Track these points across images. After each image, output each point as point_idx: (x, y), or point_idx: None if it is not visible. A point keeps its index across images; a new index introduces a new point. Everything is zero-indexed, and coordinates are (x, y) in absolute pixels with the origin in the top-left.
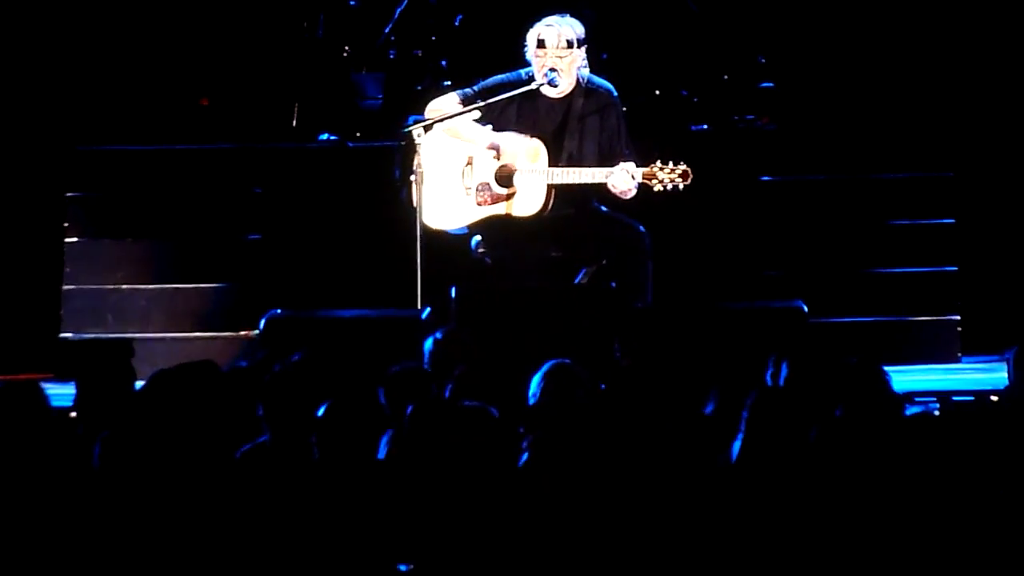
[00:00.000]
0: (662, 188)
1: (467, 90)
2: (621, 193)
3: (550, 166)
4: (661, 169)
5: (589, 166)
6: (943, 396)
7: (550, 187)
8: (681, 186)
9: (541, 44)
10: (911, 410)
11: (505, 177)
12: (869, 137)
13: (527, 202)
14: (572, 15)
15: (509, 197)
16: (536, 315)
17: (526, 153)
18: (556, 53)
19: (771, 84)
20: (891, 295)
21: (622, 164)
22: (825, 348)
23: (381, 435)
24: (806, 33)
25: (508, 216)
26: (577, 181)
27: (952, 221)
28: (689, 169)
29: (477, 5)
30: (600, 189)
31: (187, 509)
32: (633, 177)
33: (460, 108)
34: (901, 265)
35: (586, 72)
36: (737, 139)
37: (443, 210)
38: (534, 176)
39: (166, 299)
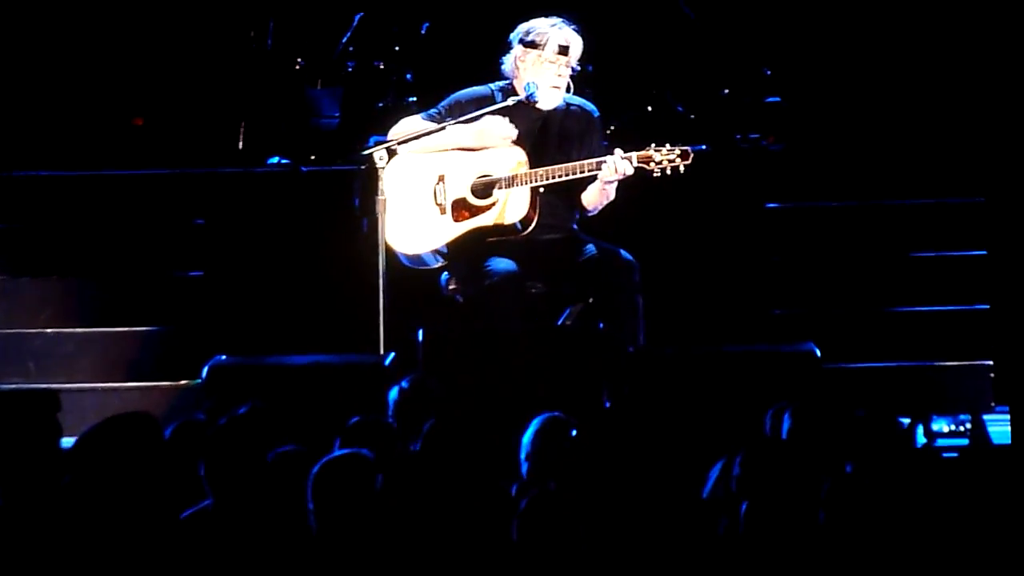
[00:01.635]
0: (661, 172)
1: (431, 111)
2: (608, 185)
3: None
4: (657, 151)
5: (569, 190)
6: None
7: (534, 192)
8: (682, 167)
9: (564, 51)
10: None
11: (483, 188)
12: (889, 158)
13: (511, 210)
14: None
15: (490, 208)
16: (514, 361)
17: (504, 160)
18: (570, 63)
19: (778, 99)
20: (915, 337)
21: (615, 151)
22: (840, 397)
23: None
24: (816, 42)
25: (494, 227)
26: (565, 179)
27: (984, 253)
28: (689, 149)
29: (445, 11)
30: (584, 216)
31: None
32: (630, 162)
33: (423, 131)
34: (926, 303)
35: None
36: (740, 161)
37: (415, 233)
38: (515, 181)
39: (96, 344)
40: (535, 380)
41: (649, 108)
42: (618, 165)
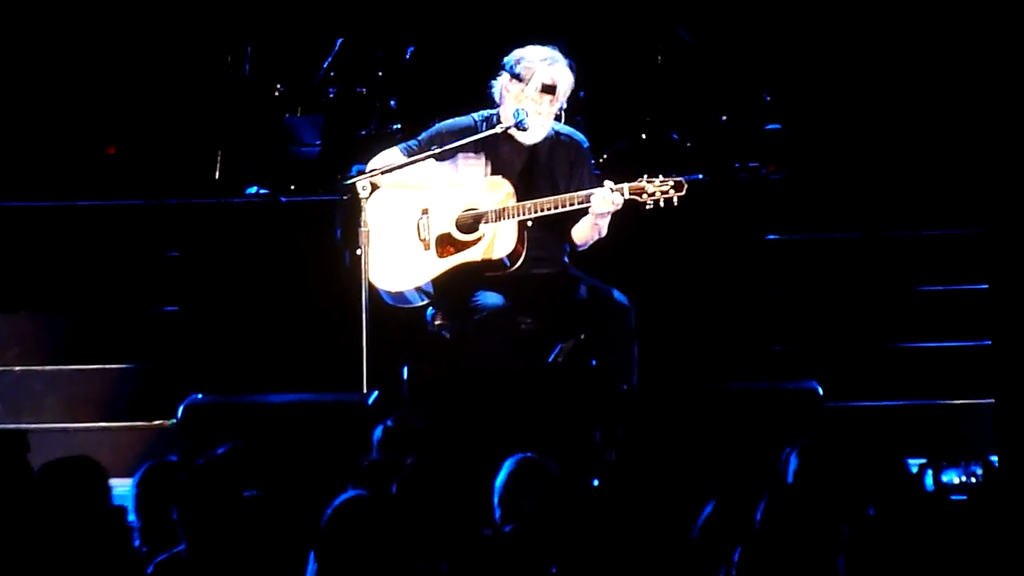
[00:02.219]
0: (653, 204)
1: (412, 142)
2: (604, 215)
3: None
4: (650, 182)
5: (558, 223)
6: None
7: (522, 227)
8: (675, 199)
9: (549, 90)
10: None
11: (469, 222)
12: (894, 187)
13: (498, 244)
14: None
15: (476, 243)
16: (503, 399)
17: (490, 192)
18: (554, 101)
19: (778, 126)
20: (920, 374)
21: (605, 183)
22: (843, 437)
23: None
24: (818, 66)
25: (481, 263)
26: (554, 212)
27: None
28: (683, 180)
29: (431, 35)
30: (574, 251)
31: None
32: (620, 194)
33: (408, 160)
34: (932, 339)
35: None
36: (738, 191)
37: (399, 269)
38: (502, 215)
39: (66, 382)
40: (524, 419)
41: (643, 136)
42: (608, 197)
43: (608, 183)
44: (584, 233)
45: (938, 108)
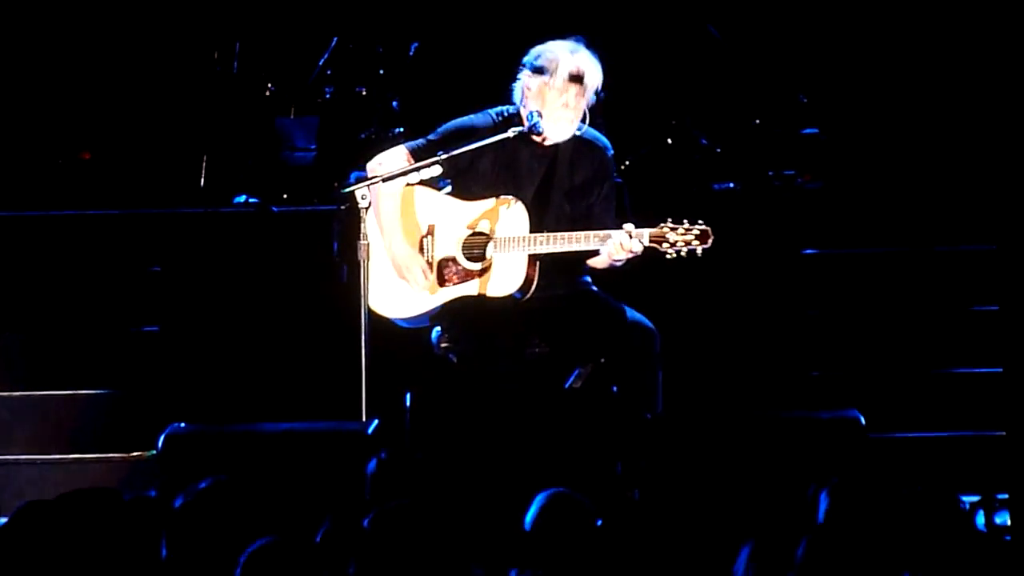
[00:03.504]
0: (675, 254)
1: (420, 141)
2: (615, 261)
3: (532, 232)
4: (673, 230)
5: (581, 226)
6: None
7: (532, 259)
8: (699, 251)
9: (576, 79)
10: None
11: (476, 248)
12: (943, 197)
13: (504, 279)
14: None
15: (482, 273)
16: (516, 428)
17: (501, 217)
18: (584, 92)
19: (815, 130)
20: (974, 402)
21: (624, 226)
22: (887, 471)
23: None
24: (857, 65)
25: (481, 297)
26: (566, 249)
27: None
28: (709, 229)
29: (437, 29)
30: (595, 267)
31: None
32: (640, 241)
33: (413, 163)
34: (987, 364)
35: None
36: (772, 201)
37: (396, 293)
38: (511, 244)
39: (35, 410)
40: (539, 450)
41: (669, 140)
42: (626, 244)
43: (628, 226)
44: (600, 263)
45: (1000, 105)
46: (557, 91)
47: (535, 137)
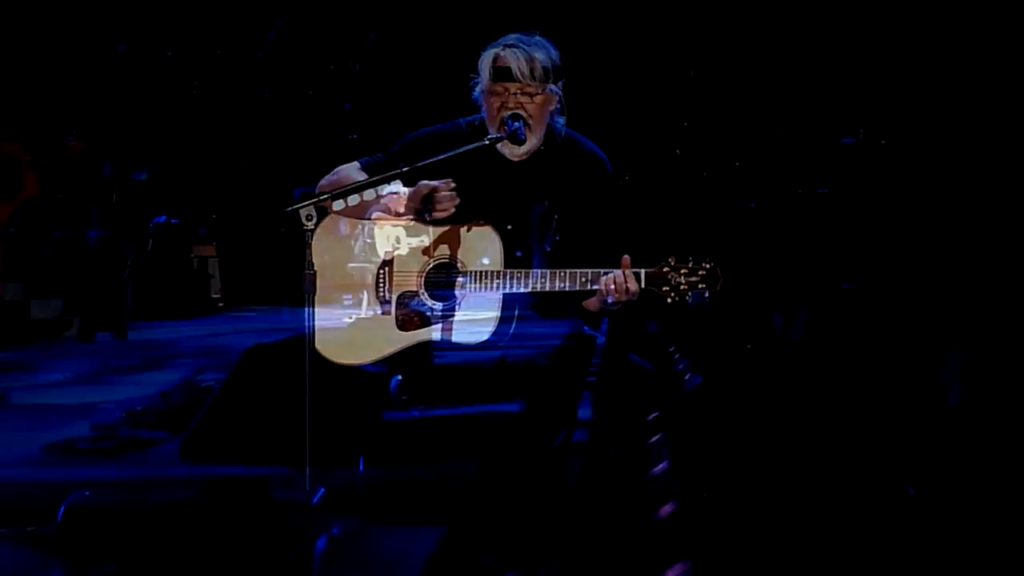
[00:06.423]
0: (676, 297)
1: (378, 156)
2: (610, 306)
3: (507, 266)
4: (676, 270)
5: (569, 264)
6: None
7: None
8: (707, 294)
9: (501, 75)
10: None
11: (441, 284)
12: (992, 210)
13: (474, 323)
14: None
15: (446, 315)
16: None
17: (471, 245)
18: (524, 89)
19: (852, 140)
20: None
21: (622, 261)
22: None
23: None
24: (899, 65)
25: (446, 343)
26: (547, 289)
27: None
28: (719, 270)
29: (397, 20)
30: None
31: None
32: (637, 280)
33: (369, 180)
34: None
35: (563, 120)
36: (804, 225)
37: (347, 335)
38: (482, 280)
39: None
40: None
41: (677, 151)
42: (620, 284)
43: (625, 258)
44: (591, 307)
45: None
46: (491, 93)
47: (509, 149)
